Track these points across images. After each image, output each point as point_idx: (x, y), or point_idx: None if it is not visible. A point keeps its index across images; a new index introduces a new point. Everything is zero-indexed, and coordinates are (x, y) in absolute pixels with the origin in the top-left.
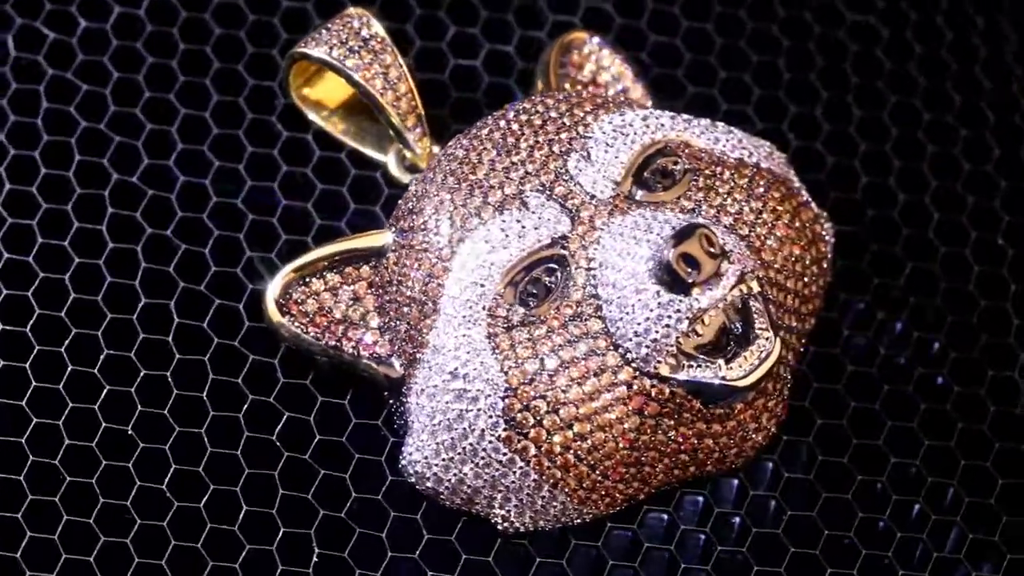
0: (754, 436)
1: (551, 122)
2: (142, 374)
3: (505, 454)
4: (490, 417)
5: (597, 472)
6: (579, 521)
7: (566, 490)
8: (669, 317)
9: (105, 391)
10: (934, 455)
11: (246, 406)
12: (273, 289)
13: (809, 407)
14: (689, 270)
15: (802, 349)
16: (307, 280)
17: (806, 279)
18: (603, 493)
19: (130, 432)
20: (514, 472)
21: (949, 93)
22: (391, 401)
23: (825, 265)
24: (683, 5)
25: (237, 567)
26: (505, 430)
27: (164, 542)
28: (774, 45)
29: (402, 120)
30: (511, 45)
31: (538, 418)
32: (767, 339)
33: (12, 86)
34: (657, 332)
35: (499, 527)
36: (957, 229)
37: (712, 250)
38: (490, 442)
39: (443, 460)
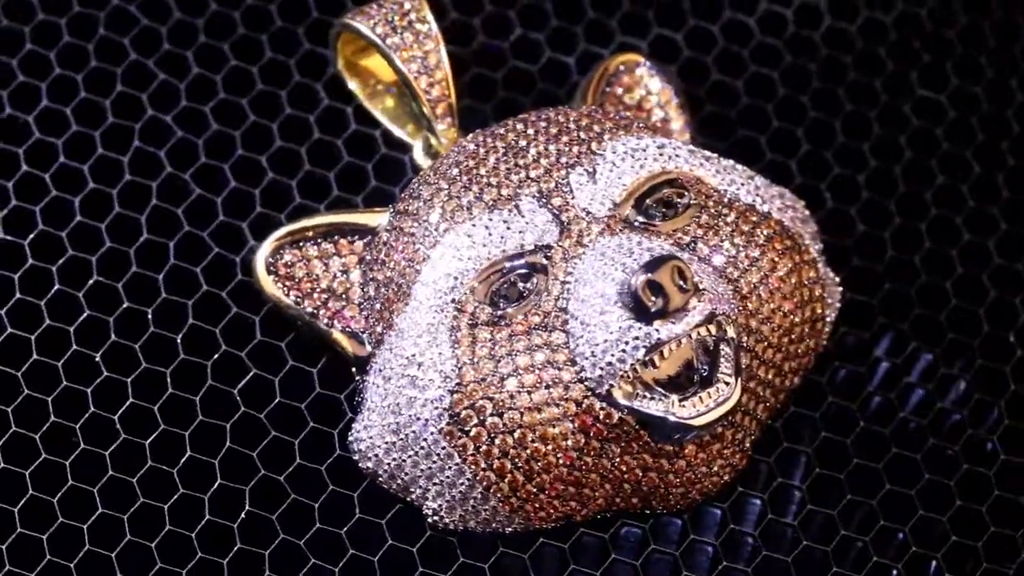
0: (703, 481)
1: (566, 133)
2: (124, 305)
3: (444, 448)
4: (435, 408)
5: (532, 483)
6: (510, 529)
7: (498, 495)
8: (626, 343)
9: (84, 315)
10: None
11: (217, 355)
12: (264, 248)
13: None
14: (655, 299)
15: (779, 406)
16: (301, 245)
17: (793, 336)
18: (537, 506)
19: (98, 359)
20: (450, 468)
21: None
22: (357, 377)
23: (820, 327)
24: (753, 49)
25: (165, 508)
26: (448, 424)
27: (103, 470)
28: (836, 106)
29: (432, 107)
30: (572, 56)
31: (482, 418)
32: (727, 384)
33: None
34: (612, 355)
35: (429, 520)
36: None
37: (682, 284)
38: (432, 433)
39: (386, 443)
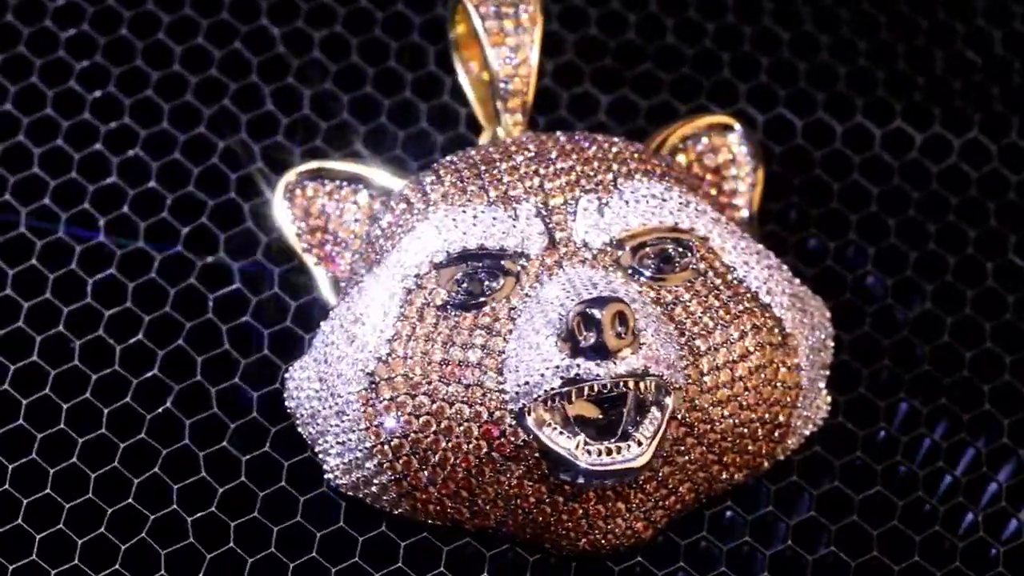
0: (597, 534)
1: (599, 160)
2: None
3: (355, 411)
4: (359, 371)
5: (426, 473)
6: (397, 512)
7: (390, 473)
8: (546, 370)
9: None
10: None
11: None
12: (289, 174)
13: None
14: (587, 334)
15: (712, 495)
16: (325, 183)
17: (745, 431)
18: (425, 498)
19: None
20: (356, 432)
21: None
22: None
23: (782, 434)
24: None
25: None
26: (364, 390)
27: (83, 383)
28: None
29: (504, 99)
30: (645, 102)
31: (395, 394)
32: (639, 445)
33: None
34: (531, 378)
35: (326, 475)
36: None
37: (619, 330)
38: (349, 394)
39: (311, 390)
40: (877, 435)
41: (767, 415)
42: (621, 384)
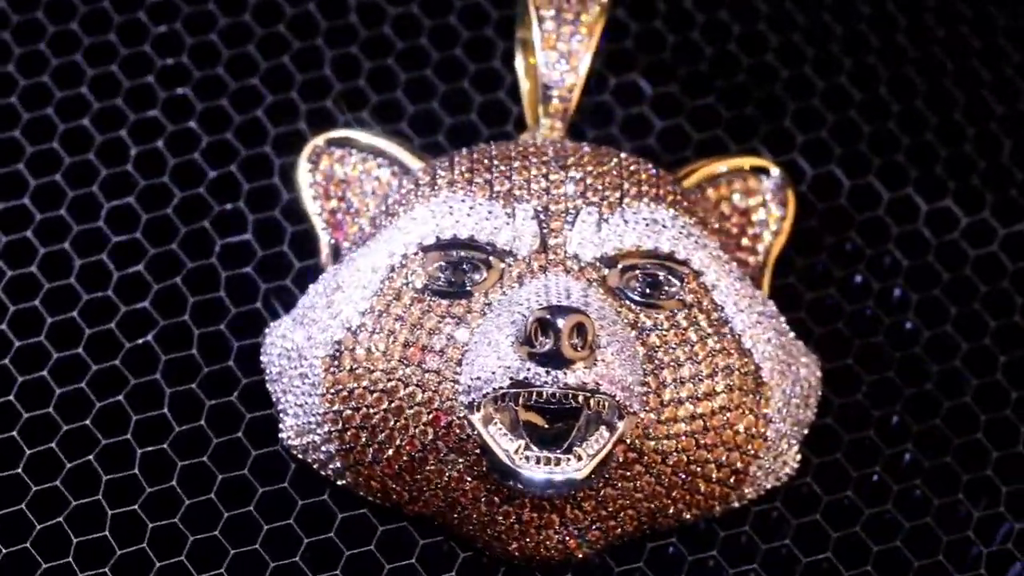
0: (527, 542)
1: (611, 176)
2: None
3: (316, 375)
4: (329, 337)
5: (371, 448)
6: (341, 484)
7: (338, 443)
8: (497, 368)
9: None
10: None
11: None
12: (319, 139)
13: None
14: (542, 339)
15: (657, 527)
16: (353, 152)
17: (698, 470)
18: (368, 473)
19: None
20: (313, 397)
21: None
22: None
23: (737, 480)
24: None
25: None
26: (329, 357)
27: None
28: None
29: (546, 103)
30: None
31: (355, 365)
32: (578, 460)
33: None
34: (482, 373)
35: (281, 434)
36: None
37: (575, 341)
38: (314, 358)
39: (283, 348)
40: (842, 502)
41: (724, 458)
42: (571, 396)
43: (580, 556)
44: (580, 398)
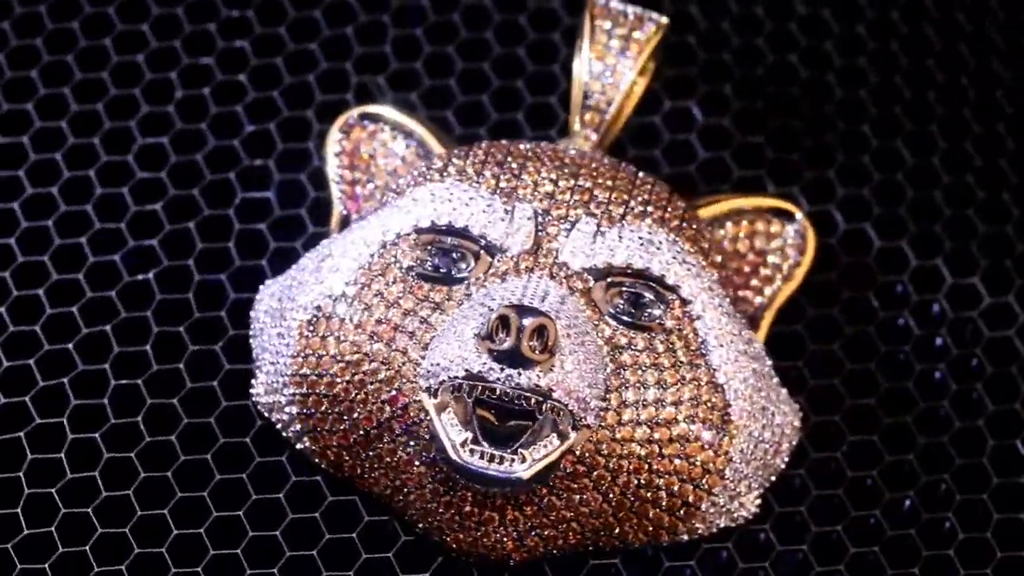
0: (463, 534)
1: (619, 191)
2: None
3: (292, 337)
4: (310, 302)
5: (330, 417)
6: (299, 447)
7: (300, 406)
8: (455, 357)
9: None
10: None
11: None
12: (355, 110)
13: None
14: (502, 336)
15: (600, 546)
16: (384, 129)
17: (647, 495)
18: (323, 443)
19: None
20: (285, 357)
21: None
22: None
23: (687, 513)
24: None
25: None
26: (306, 321)
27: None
28: None
29: (583, 112)
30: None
31: (327, 334)
32: (521, 462)
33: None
34: (439, 362)
35: (252, 389)
36: None
37: (534, 343)
38: (293, 320)
39: (269, 306)
40: (795, 556)
41: (676, 488)
42: (523, 398)
43: (516, 559)
44: (532, 401)
